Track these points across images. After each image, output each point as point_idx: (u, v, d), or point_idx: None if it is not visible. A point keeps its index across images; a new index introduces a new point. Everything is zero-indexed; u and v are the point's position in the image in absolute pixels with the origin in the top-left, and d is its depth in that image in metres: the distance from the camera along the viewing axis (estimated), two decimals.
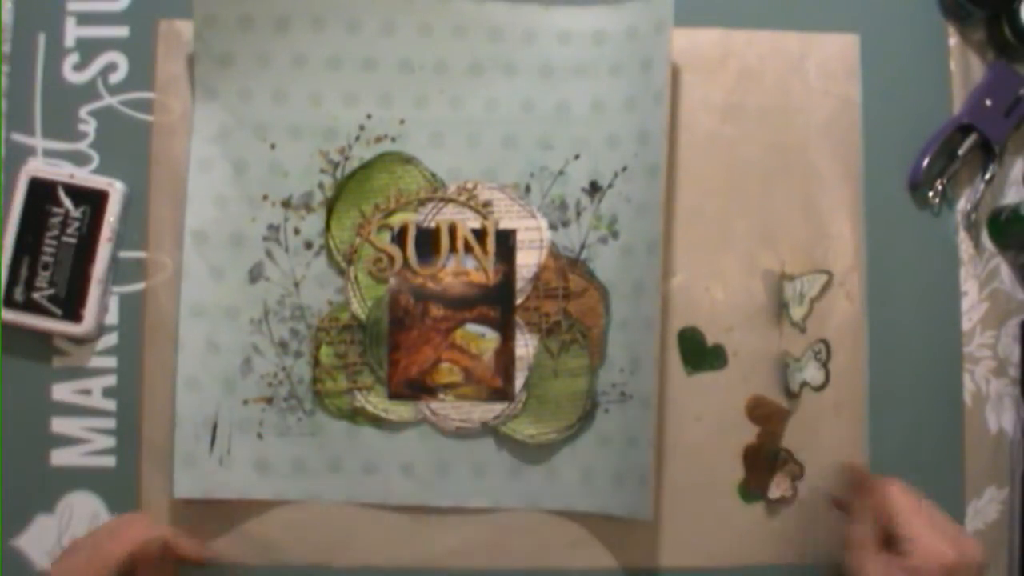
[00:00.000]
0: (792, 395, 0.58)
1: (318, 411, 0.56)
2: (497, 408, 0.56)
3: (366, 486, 0.56)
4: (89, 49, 0.58)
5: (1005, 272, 0.60)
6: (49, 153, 0.57)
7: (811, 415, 0.57)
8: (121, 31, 0.58)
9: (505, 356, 0.56)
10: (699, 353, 0.57)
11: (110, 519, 0.55)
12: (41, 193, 0.55)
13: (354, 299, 0.56)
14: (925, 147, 0.59)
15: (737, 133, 0.59)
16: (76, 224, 0.55)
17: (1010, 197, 0.60)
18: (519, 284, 0.56)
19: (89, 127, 0.57)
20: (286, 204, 0.56)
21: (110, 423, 0.56)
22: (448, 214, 0.56)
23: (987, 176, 0.59)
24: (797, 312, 0.58)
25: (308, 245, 0.56)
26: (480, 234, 0.56)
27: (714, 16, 0.59)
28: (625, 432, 0.54)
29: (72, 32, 0.58)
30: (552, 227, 0.56)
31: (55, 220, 0.55)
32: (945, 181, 0.59)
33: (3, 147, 0.57)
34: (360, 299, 0.56)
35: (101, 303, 0.56)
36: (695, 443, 0.57)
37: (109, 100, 0.57)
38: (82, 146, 0.57)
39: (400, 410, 0.56)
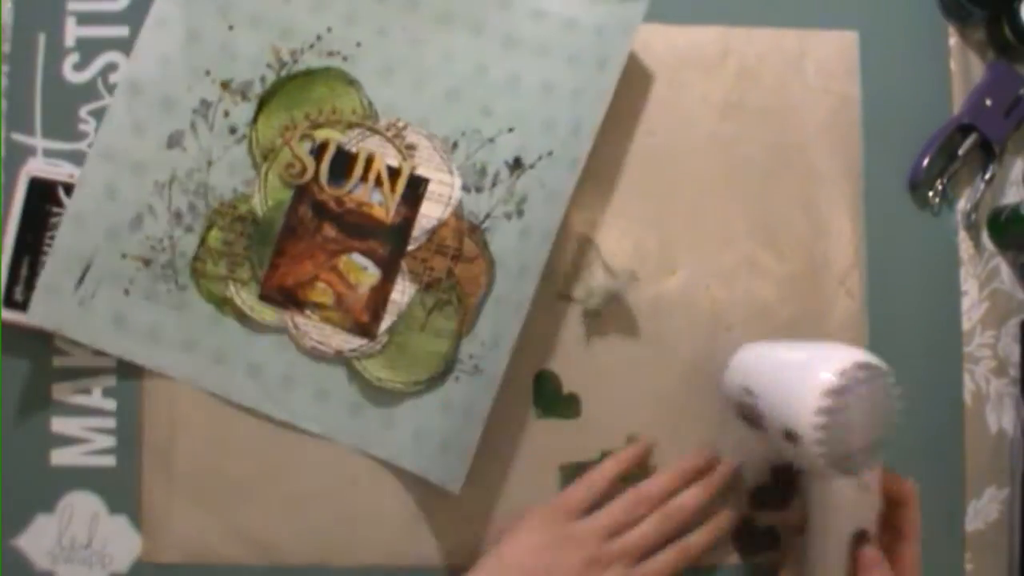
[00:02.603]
0: None
1: (190, 288, 0.56)
2: (356, 342, 0.56)
3: (211, 375, 0.56)
4: (89, 49, 0.58)
5: (1005, 272, 0.60)
6: (49, 153, 0.57)
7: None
8: (121, 31, 0.58)
9: (380, 295, 0.56)
10: (553, 400, 0.57)
11: None
12: (41, 193, 0.56)
13: (258, 195, 0.56)
14: (925, 147, 0.59)
15: (737, 131, 0.59)
16: None
17: (1010, 197, 0.60)
18: (415, 232, 0.56)
19: (89, 127, 0.57)
20: (225, 85, 0.57)
21: (110, 423, 0.56)
22: (371, 145, 0.56)
23: (987, 176, 0.59)
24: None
25: (232, 131, 0.57)
26: (394, 173, 0.56)
27: (713, 14, 0.59)
28: (466, 404, 0.54)
29: (72, 32, 0.58)
30: (465, 189, 0.56)
31: (55, 220, 0.55)
32: (945, 181, 0.59)
33: (3, 147, 0.57)
34: (263, 197, 0.56)
35: None
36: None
37: (109, 100, 0.57)
38: (82, 146, 0.57)
39: (265, 312, 0.56)
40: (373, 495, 0.56)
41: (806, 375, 0.45)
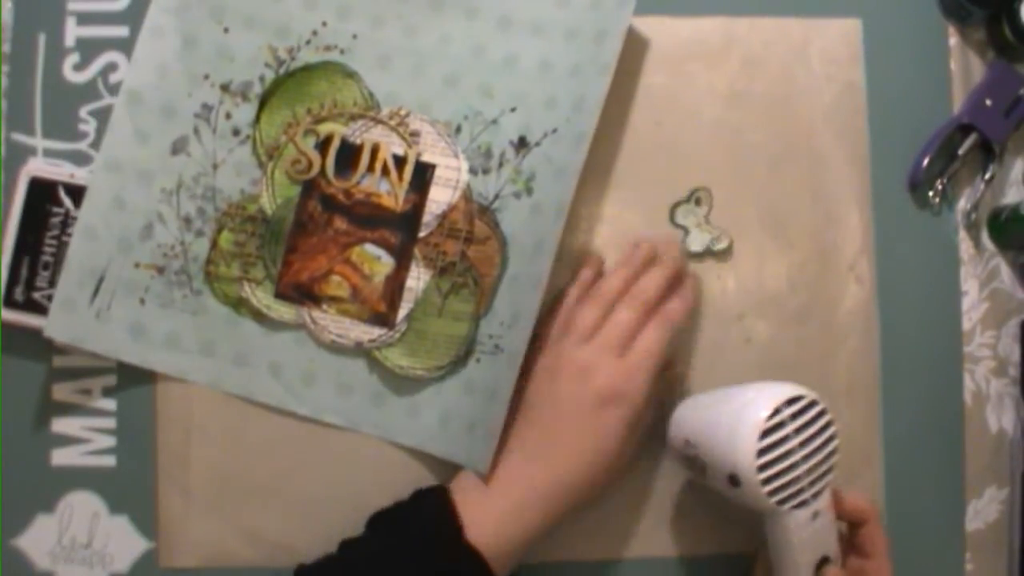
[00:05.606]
0: None
1: (205, 292, 0.56)
2: (375, 332, 0.56)
3: (233, 377, 0.56)
4: (89, 49, 0.58)
5: (1005, 272, 0.60)
6: (49, 153, 0.57)
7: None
8: (121, 31, 0.58)
9: (395, 283, 0.56)
10: None
11: None
12: (41, 193, 0.55)
13: (265, 193, 0.56)
14: (925, 147, 0.59)
15: (742, 120, 0.59)
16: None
17: (1010, 197, 0.60)
18: (426, 218, 0.56)
19: (89, 127, 0.57)
20: (224, 88, 0.56)
21: (110, 423, 0.56)
22: (375, 135, 0.56)
23: (987, 176, 0.59)
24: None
25: (235, 132, 0.56)
26: (400, 161, 0.56)
27: (716, 4, 0.59)
28: (489, 384, 0.54)
29: (72, 32, 0.58)
30: (472, 171, 0.56)
31: (55, 220, 0.55)
32: (945, 181, 0.59)
33: (3, 147, 0.57)
34: (271, 195, 0.56)
35: None
36: None
37: (109, 100, 0.57)
38: (82, 146, 0.57)
39: (282, 310, 0.56)
40: (392, 496, 0.55)
41: (740, 420, 0.45)
